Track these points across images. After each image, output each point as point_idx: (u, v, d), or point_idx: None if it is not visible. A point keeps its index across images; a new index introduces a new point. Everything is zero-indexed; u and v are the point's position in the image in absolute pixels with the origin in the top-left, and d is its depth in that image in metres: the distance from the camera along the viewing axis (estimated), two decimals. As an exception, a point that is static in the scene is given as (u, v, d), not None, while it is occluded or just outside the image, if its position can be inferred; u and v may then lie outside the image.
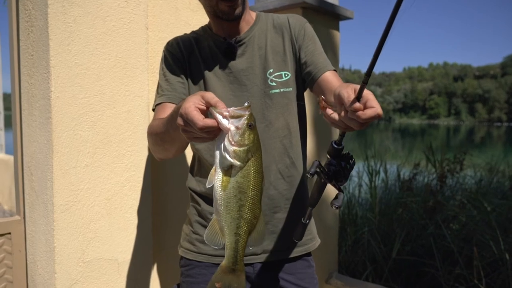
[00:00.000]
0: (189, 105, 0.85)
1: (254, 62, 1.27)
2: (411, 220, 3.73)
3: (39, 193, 1.45)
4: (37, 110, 1.43)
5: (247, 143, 0.84)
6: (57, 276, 1.39)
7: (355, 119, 0.84)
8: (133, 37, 1.55)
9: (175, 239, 1.76)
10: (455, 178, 4.34)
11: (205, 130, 0.84)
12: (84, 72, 1.42)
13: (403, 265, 3.42)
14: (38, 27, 1.39)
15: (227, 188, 0.86)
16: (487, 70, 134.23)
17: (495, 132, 58.32)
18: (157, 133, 1.15)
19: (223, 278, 0.93)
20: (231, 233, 0.89)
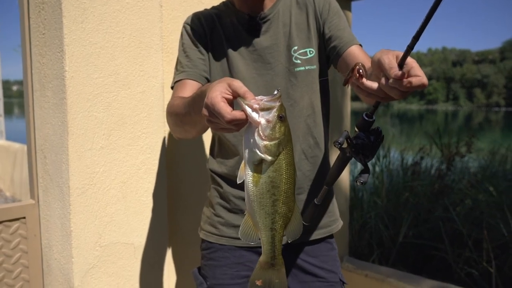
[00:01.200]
0: (215, 95, 0.80)
1: (279, 39, 1.22)
2: (417, 204, 3.72)
3: (53, 176, 1.41)
4: (50, 91, 1.38)
5: (278, 136, 0.80)
6: (74, 260, 1.36)
7: (397, 87, 0.77)
8: (147, 15, 1.49)
9: (190, 222, 1.74)
10: (461, 162, 4.33)
11: (233, 123, 0.79)
12: (99, 51, 1.37)
13: (410, 249, 3.43)
14: (50, 4, 1.34)
15: (259, 184, 0.83)
16: (486, 55, 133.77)
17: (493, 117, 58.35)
18: (177, 114, 1.10)
19: (263, 274, 0.91)
20: (266, 228, 0.86)
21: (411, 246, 3.42)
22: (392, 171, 4.51)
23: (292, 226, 0.89)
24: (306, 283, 1.27)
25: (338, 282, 1.30)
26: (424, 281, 2.30)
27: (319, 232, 1.29)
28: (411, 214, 3.51)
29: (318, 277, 1.27)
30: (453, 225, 3.28)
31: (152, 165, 1.56)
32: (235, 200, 1.25)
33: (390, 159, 4.69)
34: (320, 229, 1.29)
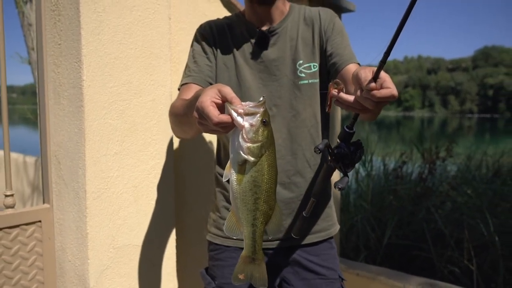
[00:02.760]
0: (205, 99, 0.86)
1: (285, 53, 1.31)
2: (401, 207, 3.87)
3: (68, 181, 1.47)
4: (66, 99, 1.44)
5: (260, 139, 0.86)
6: (90, 262, 1.42)
7: (370, 98, 0.85)
8: (157, 27, 1.57)
9: (196, 224, 1.82)
10: (441, 167, 4.52)
11: (220, 126, 0.85)
12: (113, 61, 1.44)
13: (395, 250, 3.57)
14: (66, 16, 1.40)
15: (243, 182, 0.88)
16: (459, 63, 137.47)
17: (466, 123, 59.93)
18: (176, 115, 1.18)
19: (245, 268, 0.97)
20: (248, 224, 0.92)
21: (396, 247, 3.56)
22: (374, 176, 4.67)
23: (273, 223, 0.94)
24: (307, 280, 1.36)
25: (338, 278, 1.39)
26: (412, 278, 2.42)
27: (319, 235, 1.38)
28: (396, 217, 3.66)
29: (319, 274, 1.36)
30: (436, 226, 3.44)
31: (161, 170, 1.63)
32: None
33: (373, 165, 4.85)
34: (320, 232, 1.38)
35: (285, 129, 1.31)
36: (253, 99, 1.22)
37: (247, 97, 1.27)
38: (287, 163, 1.31)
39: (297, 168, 1.32)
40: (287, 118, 1.31)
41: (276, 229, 0.96)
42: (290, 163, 1.31)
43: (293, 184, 1.32)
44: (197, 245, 1.86)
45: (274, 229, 0.96)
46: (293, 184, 1.32)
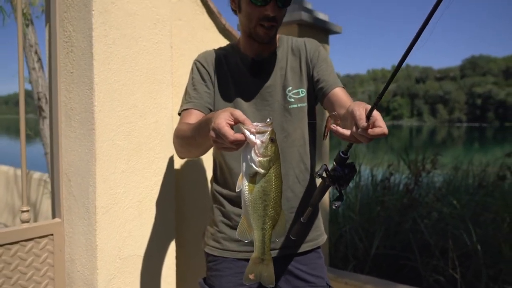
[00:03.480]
0: (221, 121, 1.00)
1: (276, 81, 1.46)
2: (388, 218, 4.03)
3: (78, 197, 1.60)
4: (77, 122, 1.58)
5: (269, 154, 1.00)
6: (99, 271, 1.54)
7: (364, 135, 1.01)
8: (160, 55, 1.72)
9: (194, 236, 1.95)
10: (427, 178, 4.69)
11: (235, 143, 1.00)
12: (121, 87, 1.58)
13: (383, 259, 3.71)
14: (79, 48, 1.54)
15: (253, 192, 1.03)
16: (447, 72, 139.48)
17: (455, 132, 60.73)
18: (183, 137, 1.31)
19: (255, 269, 1.10)
20: (258, 228, 1.06)
21: (384, 256, 3.70)
22: (362, 187, 4.82)
23: (279, 226, 1.09)
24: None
25: (325, 286, 1.53)
26: (399, 286, 2.57)
27: (308, 244, 1.52)
28: (383, 227, 3.81)
29: (309, 282, 1.50)
30: (422, 236, 3.59)
31: (163, 186, 1.76)
32: (236, 218, 1.45)
33: (361, 175, 5.01)
34: (309, 242, 1.52)
35: None
36: None
37: None
38: None
39: (288, 184, 1.46)
40: (279, 139, 1.44)
41: (282, 232, 1.10)
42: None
43: (284, 198, 1.45)
44: (195, 257, 1.99)
45: (280, 232, 1.10)
46: (284, 199, 1.45)
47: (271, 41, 1.43)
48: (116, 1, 1.55)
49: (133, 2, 1.61)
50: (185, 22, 1.96)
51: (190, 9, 2.00)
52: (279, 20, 1.39)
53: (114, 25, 1.55)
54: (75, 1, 1.55)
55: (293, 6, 2.56)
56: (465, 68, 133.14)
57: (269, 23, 1.35)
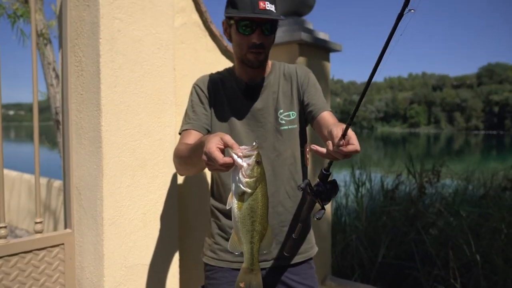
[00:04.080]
0: (211, 146, 1.10)
1: (269, 104, 1.58)
2: (394, 227, 4.08)
3: (87, 209, 1.73)
4: (87, 140, 1.71)
5: (255, 175, 1.11)
6: (106, 279, 1.67)
7: (339, 152, 1.14)
8: (163, 78, 1.85)
9: (196, 247, 2.06)
10: (434, 188, 4.73)
11: (224, 166, 1.12)
12: (127, 108, 1.72)
13: (388, 268, 3.76)
14: (88, 72, 1.69)
15: (242, 209, 1.14)
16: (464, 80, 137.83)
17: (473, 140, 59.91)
18: (181, 157, 1.43)
19: (245, 278, 1.21)
20: (247, 242, 1.17)
21: (389, 266, 3.76)
22: (374, 196, 4.88)
23: (266, 240, 1.20)
24: None
25: None
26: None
27: (300, 256, 1.62)
28: (389, 237, 3.87)
29: None
30: (424, 247, 3.64)
31: (167, 200, 1.88)
32: (231, 231, 1.55)
33: (371, 183, 5.07)
34: (300, 254, 1.63)
35: (269, 167, 1.56)
36: (242, 142, 1.50)
37: (238, 141, 1.52)
38: (271, 195, 1.55)
39: (279, 199, 1.57)
40: (271, 158, 1.56)
41: (269, 245, 1.22)
42: (273, 196, 1.56)
43: (276, 213, 1.56)
44: (198, 266, 2.10)
45: (267, 245, 1.21)
46: (276, 213, 1.56)
47: (261, 66, 1.55)
48: (122, 29, 1.69)
49: (138, 29, 1.75)
50: (188, 45, 2.09)
51: (193, 33, 2.14)
52: (267, 46, 1.51)
53: (120, 51, 1.69)
54: (84, 29, 1.69)
55: (294, 27, 2.68)
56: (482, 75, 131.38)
57: (257, 50, 1.47)
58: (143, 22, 1.76)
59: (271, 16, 1.42)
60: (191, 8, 2.13)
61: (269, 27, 1.47)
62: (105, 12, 1.63)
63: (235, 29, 1.48)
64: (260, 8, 1.41)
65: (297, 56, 2.63)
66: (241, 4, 1.42)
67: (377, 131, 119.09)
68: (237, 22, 1.46)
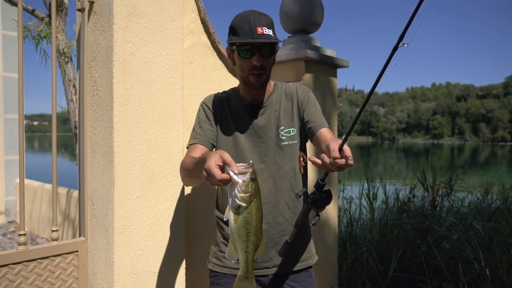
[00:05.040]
0: (211, 163, 1.21)
1: (271, 121, 1.69)
2: (406, 241, 4.09)
3: (99, 219, 1.86)
4: (100, 155, 1.85)
5: (250, 190, 1.21)
6: (116, 285, 1.79)
7: (334, 164, 1.24)
8: (172, 96, 1.98)
9: (202, 255, 2.16)
10: (448, 201, 4.71)
11: (222, 182, 1.22)
12: (137, 125, 1.85)
13: (398, 282, 3.77)
14: (102, 91, 1.83)
15: (238, 221, 1.24)
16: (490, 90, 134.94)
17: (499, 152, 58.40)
18: (186, 169, 1.55)
19: (240, 285, 1.31)
20: (242, 251, 1.27)
21: (400, 279, 3.77)
22: (390, 207, 4.90)
23: (260, 250, 1.30)
24: None
25: None
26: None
27: (300, 264, 1.72)
28: (400, 250, 3.88)
29: None
30: (435, 260, 3.65)
31: (174, 211, 2.00)
32: None
33: (387, 195, 5.09)
34: (301, 262, 1.72)
35: (271, 180, 1.66)
36: (246, 157, 1.63)
37: (241, 156, 1.65)
38: (272, 206, 1.66)
39: (279, 210, 1.67)
40: (272, 171, 1.67)
41: (263, 254, 1.32)
42: (274, 207, 1.66)
43: (276, 223, 1.66)
44: (204, 274, 2.20)
45: (261, 254, 1.32)
46: (276, 223, 1.66)
47: (263, 86, 1.66)
48: (134, 52, 1.83)
49: (149, 52, 1.88)
50: (197, 64, 2.22)
51: (202, 53, 2.27)
52: (268, 67, 1.62)
53: (132, 72, 1.82)
54: (100, 52, 1.84)
55: (301, 45, 2.78)
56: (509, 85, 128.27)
57: (258, 72, 1.59)
58: (154, 45, 1.90)
59: (269, 40, 1.54)
60: (200, 30, 2.26)
61: (268, 50, 1.58)
62: (119, 37, 1.77)
63: (237, 54, 1.60)
64: (258, 33, 1.53)
65: (303, 73, 2.73)
66: (241, 31, 1.55)
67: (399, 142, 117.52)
68: (238, 47, 1.58)
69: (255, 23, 1.53)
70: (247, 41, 1.54)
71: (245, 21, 1.55)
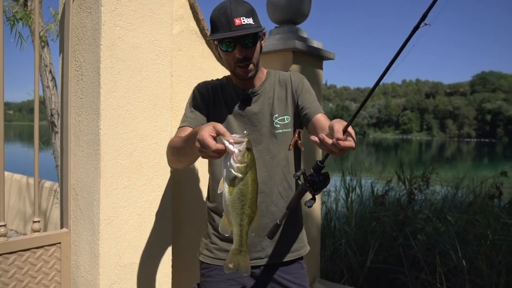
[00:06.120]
0: (204, 133, 1.16)
1: (264, 109, 1.65)
2: (383, 232, 4.16)
3: (84, 210, 1.78)
4: (85, 143, 1.77)
5: (246, 160, 1.16)
6: (101, 277, 1.72)
7: (336, 145, 1.19)
8: (161, 83, 1.91)
9: (189, 246, 2.12)
10: (423, 194, 4.83)
11: (216, 152, 1.17)
12: (125, 113, 1.78)
13: (376, 273, 3.84)
14: (88, 77, 1.74)
15: (233, 193, 1.19)
16: (457, 88, 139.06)
17: (464, 148, 60.47)
18: (174, 147, 1.49)
19: (234, 259, 1.27)
20: (236, 224, 1.22)
21: (377, 270, 3.83)
22: (364, 200, 4.97)
23: (255, 223, 1.25)
24: None
25: None
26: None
27: (291, 255, 1.70)
28: (378, 242, 3.95)
29: None
30: (412, 251, 3.72)
31: (161, 201, 1.94)
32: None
33: (362, 189, 5.16)
34: (292, 252, 1.70)
35: (264, 169, 1.63)
36: None
37: None
38: (265, 195, 1.63)
39: (272, 199, 1.64)
40: (266, 160, 1.64)
41: (257, 227, 1.27)
42: (267, 196, 1.63)
43: (269, 212, 1.63)
44: (190, 265, 2.17)
45: (256, 227, 1.26)
46: (269, 213, 1.63)
47: (252, 76, 1.62)
48: (122, 36, 1.76)
49: (138, 37, 1.81)
50: (185, 52, 2.16)
51: (190, 41, 2.21)
52: (254, 57, 1.58)
53: (120, 58, 1.75)
54: (86, 36, 1.75)
55: (288, 35, 2.76)
56: (475, 84, 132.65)
57: (243, 64, 1.56)
58: (143, 29, 1.83)
59: (248, 30, 1.50)
60: (189, 16, 2.19)
61: (251, 39, 1.54)
62: (107, 19, 1.69)
63: (220, 48, 1.57)
64: (236, 25, 1.49)
65: (290, 63, 2.70)
66: (219, 25, 1.51)
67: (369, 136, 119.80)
68: (219, 42, 1.55)
69: (232, 15, 1.49)
70: (223, 37, 1.50)
71: (222, 14, 1.51)
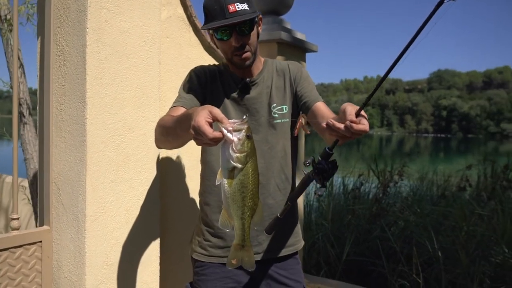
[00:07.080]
0: (200, 119, 1.05)
1: (262, 98, 1.59)
2: (358, 226, 4.21)
3: (67, 206, 1.66)
4: (68, 133, 1.64)
5: (246, 150, 1.07)
6: (87, 277, 1.61)
7: (349, 129, 1.11)
8: (149, 71, 1.81)
9: (177, 243, 2.03)
10: (396, 187, 4.93)
11: (213, 140, 1.07)
12: (112, 101, 1.66)
13: (353, 265, 3.88)
14: (72, 62, 1.62)
15: (232, 185, 1.10)
16: (416, 85, 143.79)
17: (422, 143, 62.71)
18: (165, 126, 1.39)
19: (237, 254, 1.19)
20: (238, 218, 1.14)
21: (354, 262, 3.88)
22: (334, 196, 5.01)
23: (257, 215, 1.17)
24: None
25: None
26: (366, 291, 2.72)
27: (287, 249, 1.65)
28: (353, 234, 3.99)
29: (288, 286, 1.63)
30: (389, 243, 3.78)
31: (149, 196, 1.84)
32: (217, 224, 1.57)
33: (333, 184, 5.20)
34: (288, 247, 1.65)
35: (262, 160, 1.56)
36: None
37: None
38: (262, 187, 1.57)
39: (269, 192, 1.58)
40: (263, 150, 1.58)
41: (260, 221, 1.19)
42: (264, 188, 1.57)
43: (266, 205, 1.57)
44: (178, 263, 2.08)
45: (258, 220, 1.18)
46: (266, 206, 1.57)
47: (251, 64, 1.55)
48: (110, 20, 1.64)
49: (126, 21, 1.70)
50: (172, 39, 2.06)
51: (178, 28, 2.11)
52: (251, 44, 1.51)
53: (107, 42, 1.63)
54: (69, 18, 1.62)
55: (273, 26, 2.70)
56: (432, 81, 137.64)
57: (240, 52, 1.49)
58: (131, 13, 1.72)
59: (243, 17, 1.42)
60: (176, 2, 2.09)
61: (248, 26, 1.47)
62: (93, 1, 1.57)
63: (215, 37, 1.50)
64: (230, 12, 1.41)
65: (275, 54, 2.65)
66: (213, 13, 1.43)
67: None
68: (214, 31, 1.48)
69: (226, 1, 1.42)
70: (218, 25, 1.42)
71: (215, 1, 1.43)
